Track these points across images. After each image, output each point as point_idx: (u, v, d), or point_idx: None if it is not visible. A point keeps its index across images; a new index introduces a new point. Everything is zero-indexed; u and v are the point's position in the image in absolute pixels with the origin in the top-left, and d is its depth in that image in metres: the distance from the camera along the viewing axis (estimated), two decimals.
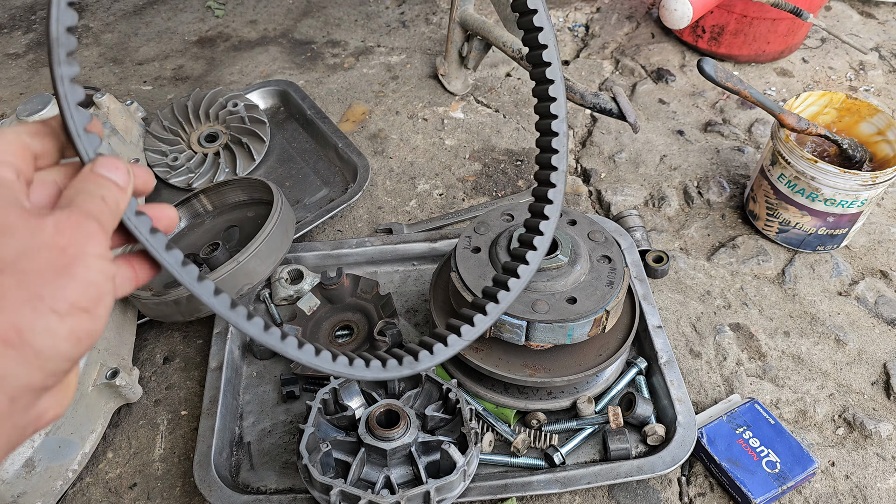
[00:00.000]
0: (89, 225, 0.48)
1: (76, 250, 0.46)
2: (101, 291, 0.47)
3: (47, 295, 0.44)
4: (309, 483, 0.98)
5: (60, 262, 0.46)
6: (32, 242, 0.45)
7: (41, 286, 0.44)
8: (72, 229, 0.47)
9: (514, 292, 0.79)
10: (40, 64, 1.98)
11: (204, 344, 1.27)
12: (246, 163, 1.55)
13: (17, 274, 0.44)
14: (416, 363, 0.70)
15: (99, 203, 0.49)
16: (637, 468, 1.04)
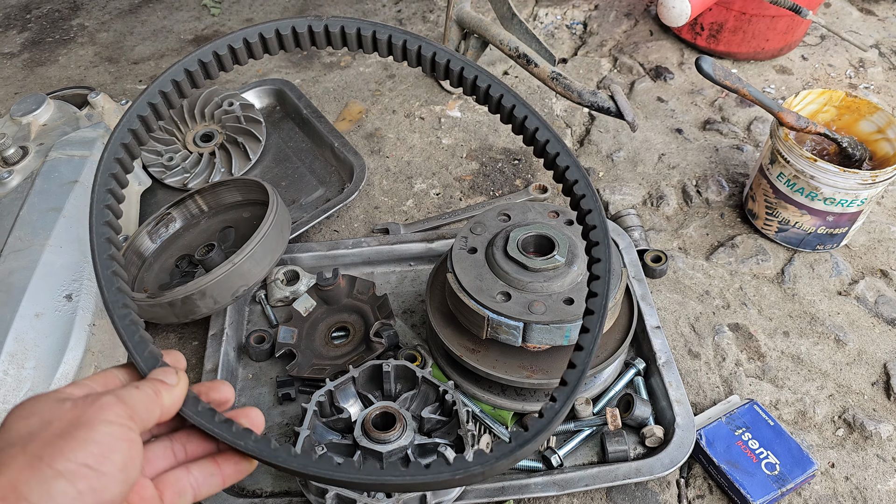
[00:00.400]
0: (107, 400, 0.54)
1: (87, 418, 0.52)
2: (108, 450, 0.51)
3: (46, 455, 0.49)
4: (304, 486, 0.97)
5: (67, 429, 0.51)
6: (49, 418, 0.52)
7: (42, 449, 0.50)
8: (89, 405, 0.53)
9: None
10: (35, 63, 1.96)
11: (199, 346, 1.26)
12: (242, 162, 1.54)
13: (25, 443, 0.50)
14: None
15: (133, 392, 0.57)
16: (635, 470, 1.03)
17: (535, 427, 0.64)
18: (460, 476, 0.62)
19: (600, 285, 0.72)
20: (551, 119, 1.71)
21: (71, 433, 0.51)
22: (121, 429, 0.54)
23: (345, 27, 0.88)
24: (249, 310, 1.30)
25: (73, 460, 0.50)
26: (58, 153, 1.34)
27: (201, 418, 0.62)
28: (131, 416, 0.55)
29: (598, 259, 0.73)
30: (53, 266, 1.16)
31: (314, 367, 1.17)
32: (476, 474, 0.62)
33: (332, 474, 0.61)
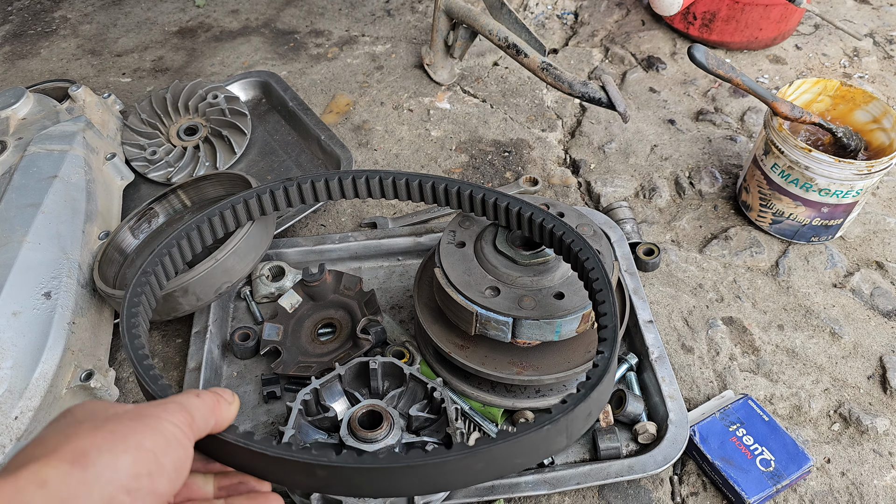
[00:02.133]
0: (172, 405, 0.57)
1: (154, 413, 0.56)
2: (169, 446, 0.54)
3: (119, 431, 0.52)
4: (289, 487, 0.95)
5: (134, 417, 0.54)
6: (113, 410, 0.55)
7: (116, 425, 0.53)
8: (154, 405, 0.57)
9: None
10: (17, 56, 1.93)
11: (183, 343, 1.24)
12: (227, 156, 1.51)
13: (96, 420, 0.53)
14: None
15: (192, 397, 0.60)
16: (628, 468, 1.01)
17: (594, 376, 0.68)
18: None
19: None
20: (542, 110, 1.69)
21: (139, 420, 0.54)
22: (181, 432, 0.56)
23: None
24: (234, 306, 1.27)
25: (140, 442, 0.52)
26: (37, 147, 1.31)
27: (238, 437, 0.63)
28: (190, 424, 0.58)
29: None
30: (32, 263, 1.13)
31: (300, 364, 1.14)
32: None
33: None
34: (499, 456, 0.65)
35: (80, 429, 0.52)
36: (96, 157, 1.39)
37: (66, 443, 0.50)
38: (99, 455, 0.49)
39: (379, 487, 0.64)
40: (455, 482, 0.65)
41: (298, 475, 0.64)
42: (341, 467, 0.62)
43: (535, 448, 0.68)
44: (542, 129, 1.64)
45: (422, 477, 0.64)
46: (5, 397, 1.01)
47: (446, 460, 0.62)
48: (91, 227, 1.26)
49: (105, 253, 1.22)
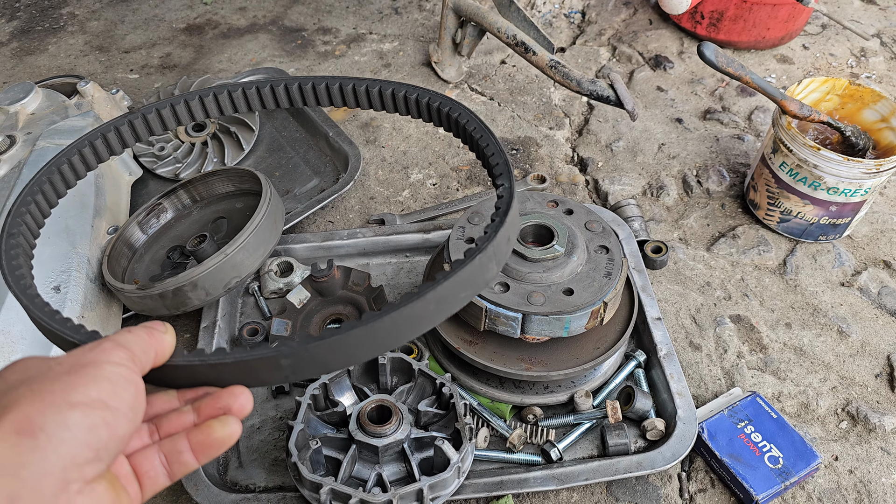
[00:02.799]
0: (107, 344, 0.55)
1: (91, 359, 0.53)
2: (117, 387, 0.52)
3: (57, 390, 0.49)
4: (298, 481, 0.95)
5: (73, 368, 0.52)
6: (48, 364, 0.52)
7: (52, 384, 0.50)
8: (89, 350, 0.54)
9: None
10: (25, 52, 1.93)
11: (191, 338, 1.24)
12: (235, 152, 1.52)
13: (31, 382, 0.50)
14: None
15: (127, 335, 0.57)
16: (636, 464, 1.01)
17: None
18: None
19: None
20: (549, 108, 1.69)
21: (79, 371, 0.51)
22: (125, 370, 0.54)
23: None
24: (242, 301, 1.28)
25: (86, 394, 0.50)
26: (46, 142, 1.31)
27: (181, 358, 0.61)
28: (132, 358, 0.55)
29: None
30: (41, 257, 1.13)
31: None
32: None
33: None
34: (446, 294, 0.67)
35: (16, 394, 0.49)
36: None
37: (5, 413, 0.48)
38: (44, 419, 0.47)
39: (349, 355, 0.64)
40: (414, 328, 0.66)
41: (265, 371, 0.63)
42: (306, 350, 0.62)
43: (474, 279, 0.71)
44: (550, 127, 1.64)
45: (383, 329, 0.64)
46: None
47: (400, 310, 0.63)
48: (100, 221, 1.26)
49: (114, 247, 1.23)
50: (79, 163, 0.93)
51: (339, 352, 0.63)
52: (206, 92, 0.97)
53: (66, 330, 0.66)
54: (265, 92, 0.98)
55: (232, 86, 0.98)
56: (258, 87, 0.97)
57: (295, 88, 0.98)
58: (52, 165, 0.90)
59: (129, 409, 0.52)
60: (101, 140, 0.94)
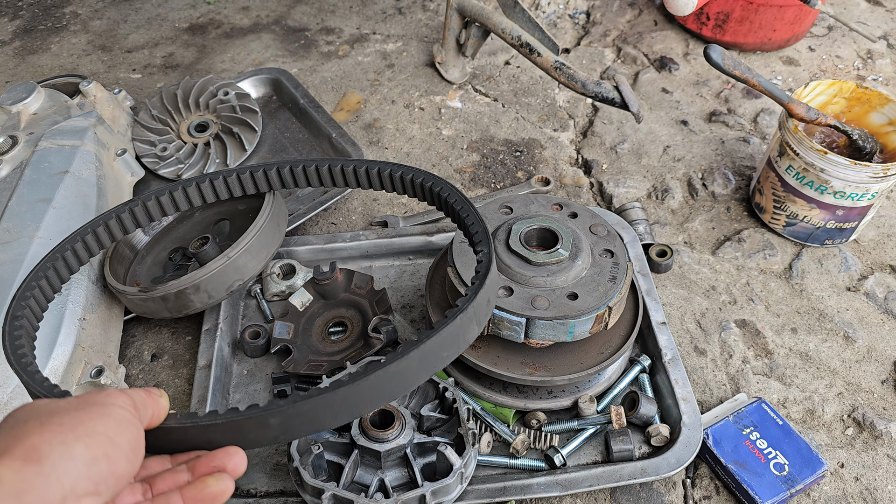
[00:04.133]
0: (113, 391, 0.58)
1: (99, 400, 0.56)
2: (121, 426, 0.55)
3: (66, 423, 0.52)
4: (300, 486, 0.94)
5: (81, 406, 0.55)
6: (56, 405, 0.55)
7: (60, 418, 0.53)
8: (97, 393, 0.57)
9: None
10: (27, 51, 1.93)
11: (193, 340, 1.23)
12: (237, 153, 1.51)
13: (40, 416, 0.53)
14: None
15: (129, 390, 0.60)
16: (641, 470, 1.00)
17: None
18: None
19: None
20: (554, 110, 1.68)
21: (86, 408, 0.54)
22: (129, 413, 0.57)
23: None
24: (244, 304, 1.27)
25: (91, 428, 0.53)
26: (48, 143, 1.31)
27: (174, 421, 0.65)
28: (134, 405, 0.59)
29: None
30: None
31: (311, 363, 1.14)
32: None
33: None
34: (428, 353, 0.72)
35: (26, 427, 0.52)
36: (107, 153, 1.38)
37: (15, 443, 0.50)
38: (51, 448, 0.50)
39: (336, 413, 0.67)
40: (399, 386, 0.71)
41: (254, 431, 0.66)
42: (293, 408, 0.65)
43: (456, 338, 0.76)
44: (554, 129, 1.63)
45: (368, 387, 0.67)
46: (17, 393, 1.01)
47: (387, 368, 0.68)
48: None
49: (116, 249, 1.22)
50: (82, 249, 1.02)
51: (325, 410, 0.67)
52: (202, 178, 1.08)
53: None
54: (258, 176, 1.11)
55: (227, 172, 1.09)
56: (251, 171, 1.10)
57: (287, 172, 1.10)
58: (56, 252, 0.98)
59: (129, 448, 0.55)
60: (104, 227, 1.05)
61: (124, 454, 0.54)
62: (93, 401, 0.56)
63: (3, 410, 0.99)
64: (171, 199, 1.08)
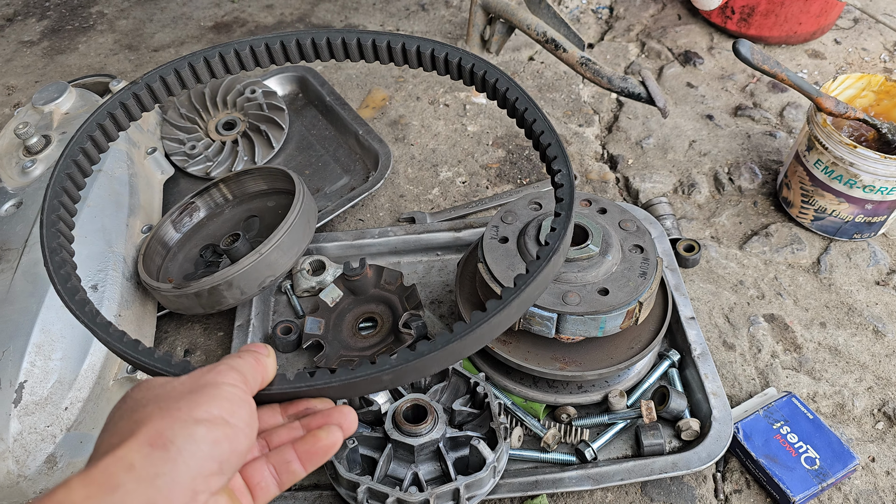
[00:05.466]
0: (222, 367, 0.60)
1: (210, 380, 0.58)
2: (235, 406, 0.57)
3: (183, 407, 0.54)
4: (335, 480, 0.96)
5: (195, 388, 0.56)
6: (171, 385, 0.57)
7: (177, 402, 0.54)
8: (207, 372, 0.59)
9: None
10: (55, 51, 1.95)
11: (225, 336, 1.25)
12: (265, 151, 1.53)
13: (158, 401, 0.55)
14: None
15: (238, 360, 0.62)
16: (671, 464, 1.01)
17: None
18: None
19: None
20: (578, 105, 1.68)
21: (200, 391, 0.56)
22: (240, 390, 0.59)
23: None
24: (275, 300, 1.28)
25: (208, 411, 0.54)
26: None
27: (284, 385, 0.67)
28: (244, 381, 0.60)
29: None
30: (79, 256, 1.13)
31: (342, 358, 1.15)
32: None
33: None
34: (525, 299, 0.75)
35: (146, 412, 0.53)
36: (138, 152, 1.40)
37: (139, 427, 0.52)
38: (174, 433, 0.51)
39: (442, 363, 0.72)
40: (501, 328, 0.75)
41: (366, 386, 0.70)
42: (409, 365, 0.69)
43: (546, 279, 0.77)
44: (579, 125, 1.63)
45: (473, 341, 0.72)
46: (55, 388, 1.03)
47: (490, 321, 0.71)
48: (134, 220, 1.28)
49: (149, 246, 1.24)
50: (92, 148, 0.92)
51: (433, 363, 0.71)
52: (211, 53, 0.93)
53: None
54: (275, 49, 0.95)
55: (239, 44, 0.93)
56: (267, 44, 0.94)
57: (308, 43, 0.96)
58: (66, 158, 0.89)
59: (245, 425, 0.57)
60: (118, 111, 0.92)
61: (242, 432, 0.56)
62: (204, 381, 0.57)
63: (45, 404, 1.02)
64: (178, 78, 0.93)
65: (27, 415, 1.00)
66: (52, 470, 1.00)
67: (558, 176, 0.85)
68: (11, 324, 1.05)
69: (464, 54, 0.93)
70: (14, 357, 1.02)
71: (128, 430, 0.52)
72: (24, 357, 1.02)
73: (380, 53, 0.97)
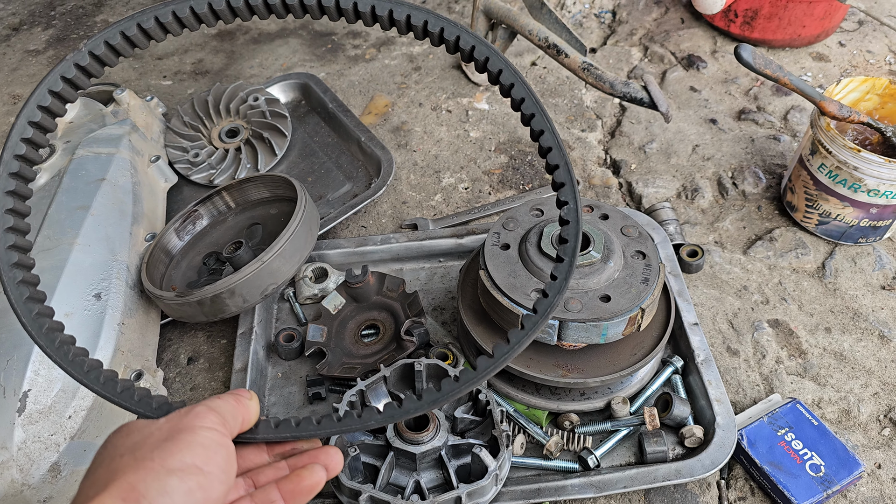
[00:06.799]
0: (201, 409, 0.61)
1: (186, 425, 0.58)
2: (210, 452, 0.57)
3: (157, 457, 0.54)
4: (337, 488, 0.95)
5: (170, 435, 0.57)
6: (150, 430, 0.58)
7: (151, 452, 0.55)
8: (185, 415, 0.60)
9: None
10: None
11: (228, 344, 1.25)
12: (267, 158, 1.53)
13: (134, 450, 0.56)
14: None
15: (218, 401, 0.63)
16: (675, 472, 1.00)
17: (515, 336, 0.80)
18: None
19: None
20: (581, 110, 1.68)
21: (175, 437, 0.57)
22: (217, 434, 0.59)
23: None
24: (278, 308, 1.29)
25: (182, 460, 0.55)
26: (85, 151, 1.33)
27: (268, 432, 0.70)
28: (223, 422, 0.61)
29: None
30: (82, 265, 1.15)
31: (344, 365, 1.15)
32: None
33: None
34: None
35: (122, 462, 0.55)
36: (141, 160, 1.41)
37: (114, 479, 0.53)
38: (146, 486, 0.52)
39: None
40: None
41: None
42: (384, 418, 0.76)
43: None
44: (582, 130, 1.63)
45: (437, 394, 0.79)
46: (59, 397, 1.03)
47: (458, 384, 0.80)
48: (138, 228, 1.28)
49: (152, 254, 1.24)
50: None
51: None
52: (164, 12, 0.79)
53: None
54: (239, 6, 0.80)
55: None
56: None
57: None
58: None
59: (221, 471, 0.57)
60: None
61: (216, 478, 0.57)
62: (181, 426, 0.58)
63: (49, 413, 1.02)
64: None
65: (31, 423, 1.00)
66: (56, 479, 1.00)
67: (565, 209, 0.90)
68: (15, 333, 1.05)
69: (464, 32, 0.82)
70: (18, 366, 1.02)
71: (103, 480, 0.53)
72: (27, 366, 1.02)
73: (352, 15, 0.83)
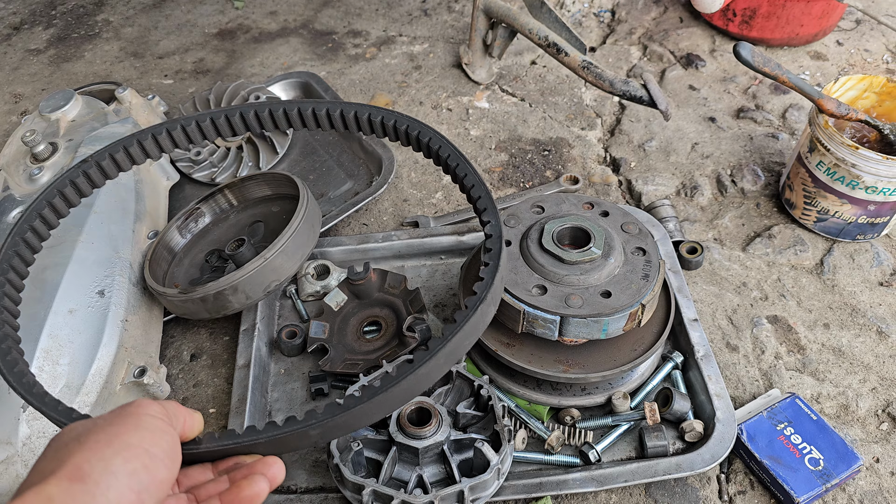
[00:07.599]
0: (145, 400, 0.62)
1: (131, 411, 0.60)
2: (155, 436, 0.58)
3: (102, 440, 0.55)
4: (340, 482, 0.96)
5: (116, 420, 0.58)
6: (92, 422, 0.59)
7: (97, 436, 0.56)
8: (129, 405, 0.61)
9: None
10: (62, 59, 1.97)
11: (231, 341, 1.26)
12: (269, 156, 1.54)
13: (79, 437, 0.56)
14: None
15: (163, 400, 0.64)
16: (675, 466, 1.01)
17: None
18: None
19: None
20: (581, 109, 1.69)
21: (120, 421, 0.58)
22: (162, 422, 0.61)
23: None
24: (280, 305, 1.29)
25: (127, 441, 0.56)
26: (87, 149, 1.34)
27: (214, 443, 0.70)
28: (166, 414, 0.62)
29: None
30: (86, 262, 1.16)
31: (347, 362, 1.16)
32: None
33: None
34: (454, 348, 0.78)
35: (68, 449, 0.55)
36: None
37: (60, 464, 0.54)
38: (91, 466, 0.53)
39: (372, 416, 0.75)
40: (426, 383, 0.77)
41: (294, 442, 0.72)
42: (335, 420, 0.71)
43: (477, 326, 0.82)
44: (582, 128, 1.64)
45: (401, 392, 0.75)
46: (63, 393, 1.04)
47: (417, 372, 0.74)
48: (140, 226, 1.29)
49: (155, 252, 1.25)
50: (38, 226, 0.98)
51: (361, 417, 0.74)
52: (158, 129, 1.02)
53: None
54: (220, 123, 1.04)
55: (185, 120, 1.03)
56: (212, 118, 1.03)
57: (252, 116, 1.04)
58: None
59: (165, 455, 0.58)
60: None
61: (161, 462, 0.57)
62: (126, 413, 0.59)
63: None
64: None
65: (36, 419, 1.00)
66: None
67: (488, 227, 0.91)
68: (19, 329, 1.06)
69: (399, 116, 1.02)
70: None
71: (50, 467, 0.54)
72: (32, 362, 1.03)
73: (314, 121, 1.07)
